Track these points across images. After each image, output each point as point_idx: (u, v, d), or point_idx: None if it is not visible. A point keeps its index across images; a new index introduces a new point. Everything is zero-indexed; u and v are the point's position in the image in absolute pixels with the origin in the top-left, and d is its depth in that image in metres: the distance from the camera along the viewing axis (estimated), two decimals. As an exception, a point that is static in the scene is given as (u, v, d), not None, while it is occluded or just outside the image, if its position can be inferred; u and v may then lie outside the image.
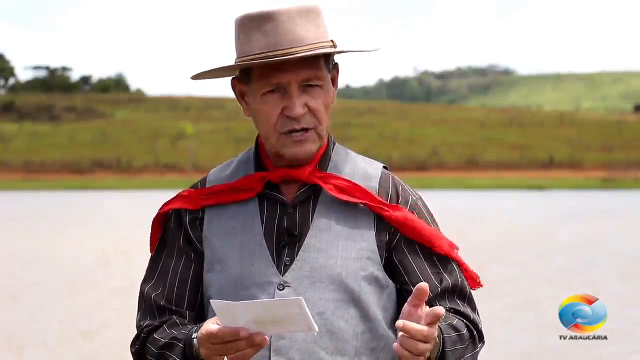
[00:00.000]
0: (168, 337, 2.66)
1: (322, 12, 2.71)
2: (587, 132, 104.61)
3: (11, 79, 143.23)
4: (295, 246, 2.68)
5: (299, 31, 2.64)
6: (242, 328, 2.46)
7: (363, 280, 2.67)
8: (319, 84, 2.67)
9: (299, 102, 2.65)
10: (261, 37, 2.64)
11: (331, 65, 2.73)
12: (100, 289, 16.45)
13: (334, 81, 2.75)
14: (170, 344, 2.64)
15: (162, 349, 2.65)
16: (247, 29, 2.67)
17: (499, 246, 23.51)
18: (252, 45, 2.65)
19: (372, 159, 2.83)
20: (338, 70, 2.77)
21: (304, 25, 2.65)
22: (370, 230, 2.70)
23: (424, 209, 2.79)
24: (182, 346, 2.61)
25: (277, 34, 2.63)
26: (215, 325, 2.52)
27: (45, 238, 26.65)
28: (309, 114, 2.67)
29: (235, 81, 2.76)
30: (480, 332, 2.73)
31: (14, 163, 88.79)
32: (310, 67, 2.66)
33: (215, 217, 2.76)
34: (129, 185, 73.23)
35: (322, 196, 2.72)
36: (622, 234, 26.98)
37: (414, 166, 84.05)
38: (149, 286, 2.78)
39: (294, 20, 2.64)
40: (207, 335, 2.52)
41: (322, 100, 2.68)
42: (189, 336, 2.60)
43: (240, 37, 2.69)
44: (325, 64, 2.70)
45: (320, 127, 2.69)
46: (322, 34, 2.68)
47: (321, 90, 2.68)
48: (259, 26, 2.65)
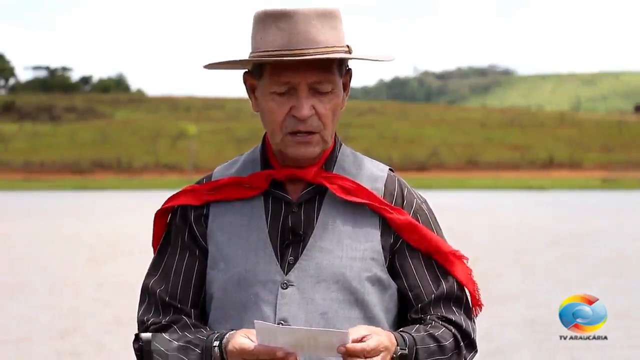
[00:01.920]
0: (182, 339, 2.65)
1: (340, 16, 2.69)
2: (587, 132, 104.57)
3: (11, 79, 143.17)
4: (299, 245, 2.68)
5: (315, 32, 2.63)
6: (279, 348, 2.48)
7: (366, 281, 2.67)
8: (329, 89, 2.66)
9: (306, 103, 2.64)
10: (276, 35, 2.63)
11: (344, 70, 2.72)
12: (98, 288, 16.45)
13: (346, 86, 2.74)
14: (184, 347, 2.63)
15: (175, 351, 2.64)
16: (263, 25, 2.66)
17: (499, 246, 23.50)
18: (266, 41, 2.65)
19: (377, 161, 2.83)
20: (351, 75, 2.76)
21: (321, 27, 2.63)
22: (375, 231, 2.71)
23: (428, 212, 2.79)
24: (199, 352, 2.61)
25: (292, 33, 2.62)
26: (249, 340, 2.52)
27: (45, 237, 26.66)
28: (315, 117, 2.66)
29: (247, 75, 2.75)
30: (472, 341, 2.73)
31: (14, 163, 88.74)
32: (322, 70, 2.65)
33: (220, 214, 2.75)
34: (129, 185, 73.22)
35: (327, 196, 2.72)
36: (622, 234, 26.97)
37: (413, 166, 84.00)
38: (153, 280, 2.77)
39: (310, 21, 2.63)
40: (240, 350, 2.52)
41: (331, 105, 2.67)
42: (209, 343, 2.60)
43: (256, 32, 2.68)
44: (337, 68, 2.69)
45: (325, 131, 2.68)
46: (338, 38, 2.66)
47: (331, 94, 2.67)
48: (275, 23, 2.64)
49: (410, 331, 2.64)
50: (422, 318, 2.71)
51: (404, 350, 2.58)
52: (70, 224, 32.28)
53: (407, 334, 2.62)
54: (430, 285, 2.71)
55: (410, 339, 2.60)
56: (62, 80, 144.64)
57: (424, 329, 2.65)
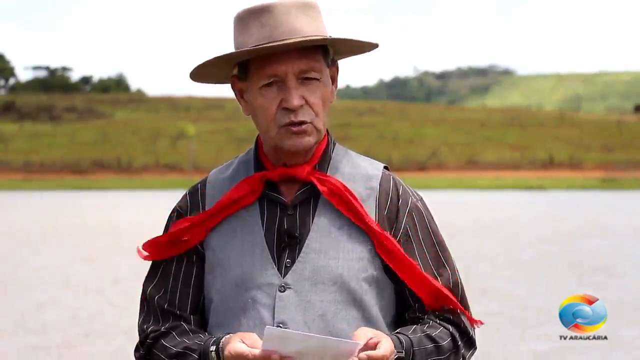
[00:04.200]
0: (180, 345, 2.65)
1: (319, 8, 2.71)
2: (587, 132, 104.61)
3: (11, 79, 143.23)
4: (295, 247, 2.67)
5: (295, 23, 2.64)
6: (274, 351, 2.46)
7: (364, 281, 2.66)
8: (316, 77, 2.66)
9: (295, 93, 2.64)
10: (257, 29, 2.64)
11: (329, 61, 2.72)
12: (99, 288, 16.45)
13: (334, 79, 2.74)
14: (182, 353, 2.63)
15: (174, 358, 2.64)
16: (244, 22, 2.67)
17: (498, 245, 23.50)
18: (249, 37, 2.66)
19: (372, 159, 2.82)
20: (337, 68, 2.76)
21: (301, 18, 2.65)
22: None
23: (424, 210, 2.77)
24: (196, 357, 2.60)
25: (273, 26, 2.63)
26: (244, 345, 2.51)
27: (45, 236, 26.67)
28: (306, 107, 2.65)
29: (234, 79, 2.75)
30: (470, 338, 2.73)
31: (14, 163, 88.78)
32: (307, 58, 2.65)
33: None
34: (129, 185, 73.22)
35: (322, 198, 2.71)
36: (622, 234, 26.97)
37: (413, 166, 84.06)
38: (151, 287, 2.78)
39: (290, 12, 2.64)
40: (236, 356, 2.51)
41: (320, 94, 2.67)
42: (206, 347, 2.59)
43: (237, 30, 2.69)
44: (323, 57, 2.69)
45: (318, 119, 2.67)
46: (319, 28, 2.67)
47: (319, 83, 2.67)
48: (256, 19, 2.65)
49: (407, 332, 2.63)
50: (419, 317, 2.70)
51: (400, 353, 2.57)
52: (70, 224, 32.29)
53: (403, 336, 2.61)
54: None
55: (407, 341, 2.59)
56: (62, 80, 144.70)
57: (421, 330, 2.64)
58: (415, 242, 2.72)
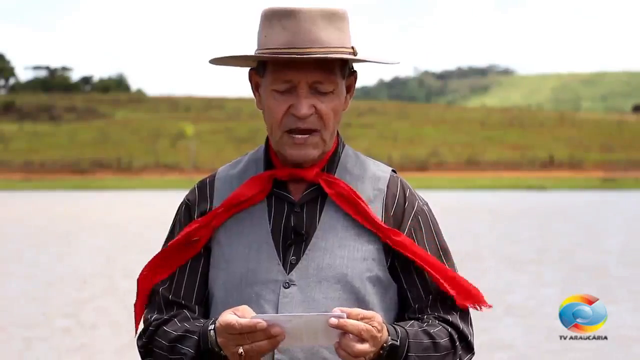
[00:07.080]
0: (180, 329, 2.66)
1: (347, 17, 2.68)
2: (587, 132, 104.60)
3: (11, 79, 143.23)
4: (301, 245, 2.68)
5: (318, 32, 2.62)
6: (258, 320, 2.48)
7: (368, 281, 2.67)
8: (329, 89, 2.66)
9: (305, 102, 2.64)
10: (280, 33, 2.63)
11: (347, 71, 2.71)
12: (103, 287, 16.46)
13: (350, 88, 2.74)
14: (182, 336, 2.64)
15: (174, 342, 2.64)
16: (269, 22, 2.66)
17: (498, 245, 23.51)
18: (271, 39, 2.65)
19: (380, 162, 2.83)
20: (356, 77, 2.75)
21: (325, 27, 2.63)
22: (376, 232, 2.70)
23: (429, 215, 2.78)
24: (196, 338, 2.61)
25: (295, 32, 2.62)
26: (234, 316, 2.52)
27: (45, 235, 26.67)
28: (315, 116, 2.66)
29: (252, 72, 2.76)
30: (469, 343, 2.72)
31: (14, 163, 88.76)
32: (324, 70, 2.64)
33: None
34: (129, 185, 73.19)
35: (330, 197, 2.72)
36: (622, 234, 26.98)
37: (413, 166, 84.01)
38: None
39: (315, 20, 2.62)
40: (224, 326, 2.52)
41: (332, 105, 2.66)
42: (205, 328, 2.60)
43: (262, 29, 2.68)
44: (340, 69, 2.68)
45: (326, 131, 2.67)
46: (343, 39, 2.65)
47: (332, 95, 2.66)
48: (279, 21, 2.64)
49: (405, 325, 2.64)
50: (419, 318, 2.70)
51: (394, 340, 2.56)
52: (69, 224, 32.29)
53: (399, 327, 2.62)
54: (429, 286, 2.71)
55: (402, 332, 2.59)
56: (62, 80, 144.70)
57: (418, 325, 2.65)
58: (420, 245, 2.72)
